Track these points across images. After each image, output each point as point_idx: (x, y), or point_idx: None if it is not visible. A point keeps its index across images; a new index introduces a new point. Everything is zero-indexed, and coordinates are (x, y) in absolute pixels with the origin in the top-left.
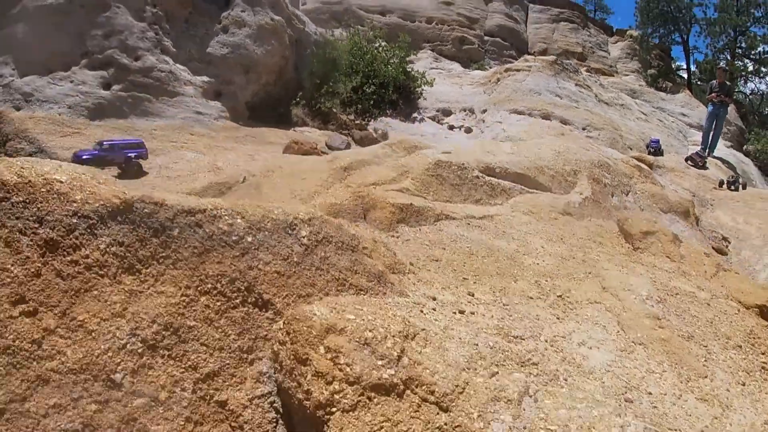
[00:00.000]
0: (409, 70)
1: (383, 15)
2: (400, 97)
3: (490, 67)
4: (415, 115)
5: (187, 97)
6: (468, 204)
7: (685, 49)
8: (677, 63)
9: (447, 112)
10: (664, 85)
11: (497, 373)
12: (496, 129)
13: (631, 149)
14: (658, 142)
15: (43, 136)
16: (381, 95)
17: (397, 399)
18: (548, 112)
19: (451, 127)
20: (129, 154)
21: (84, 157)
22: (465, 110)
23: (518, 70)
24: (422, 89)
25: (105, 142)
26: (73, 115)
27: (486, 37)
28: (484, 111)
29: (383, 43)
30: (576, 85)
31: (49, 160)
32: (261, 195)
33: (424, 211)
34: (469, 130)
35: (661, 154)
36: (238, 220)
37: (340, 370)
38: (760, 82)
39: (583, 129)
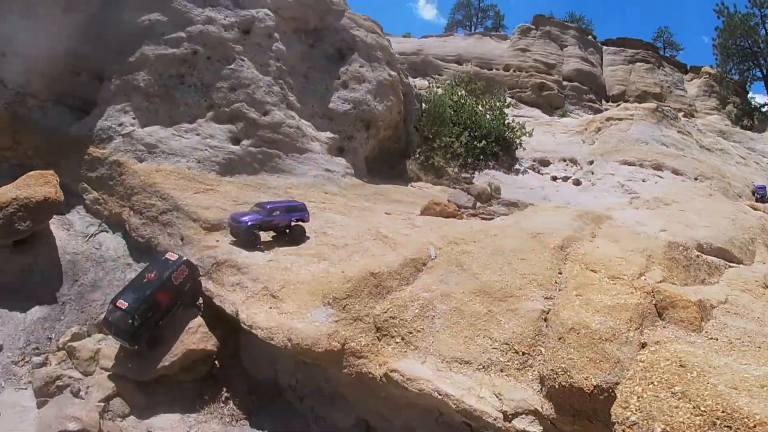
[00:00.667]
0: (508, 121)
1: (459, 63)
2: (501, 148)
3: (572, 113)
4: (516, 166)
5: (315, 153)
6: (697, 285)
7: (767, 83)
8: (755, 99)
9: (545, 162)
10: (748, 123)
11: None
12: (608, 181)
13: (740, 197)
14: (764, 188)
15: (175, 192)
16: (483, 148)
17: None
18: (659, 162)
19: (554, 178)
20: (293, 218)
21: (248, 222)
22: (565, 160)
23: (620, 119)
24: (521, 140)
25: (267, 205)
26: (203, 170)
27: (564, 82)
28: (591, 162)
29: (461, 92)
30: (678, 132)
31: None
32: (477, 278)
33: (704, 303)
34: (577, 182)
35: (766, 201)
36: None
37: None
38: None
39: (695, 179)
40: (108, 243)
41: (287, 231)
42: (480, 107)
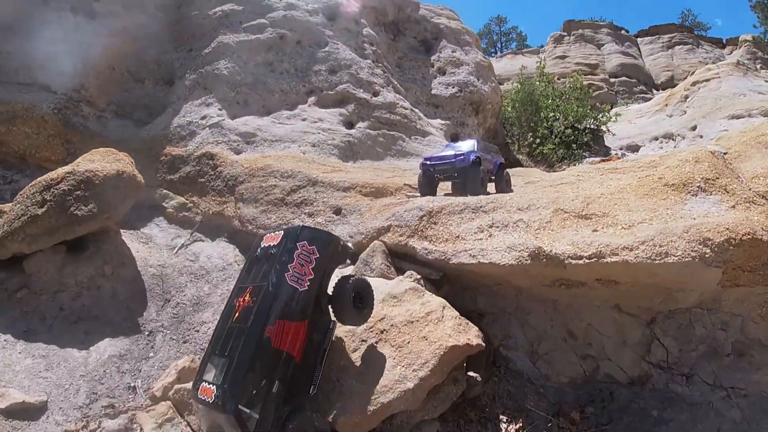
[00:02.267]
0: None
1: (501, 84)
2: (591, 137)
3: (627, 106)
4: (612, 153)
5: (437, 137)
6: None
7: None
8: None
9: (634, 148)
10: None
11: None
12: None
13: None
14: None
15: (303, 169)
16: (576, 137)
17: None
18: (767, 108)
19: None
20: (499, 162)
21: (471, 156)
22: (657, 139)
23: (707, 80)
24: (608, 126)
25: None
26: (321, 154)
27: (612, 80)
28: (694, 128)
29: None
30: (765, 81)
31: None
32: None
33: None
34: None
35: None
36: None
37: None
38: None
39: None
40: (207, 251)
41: (492, 178)
42: (572, 93)
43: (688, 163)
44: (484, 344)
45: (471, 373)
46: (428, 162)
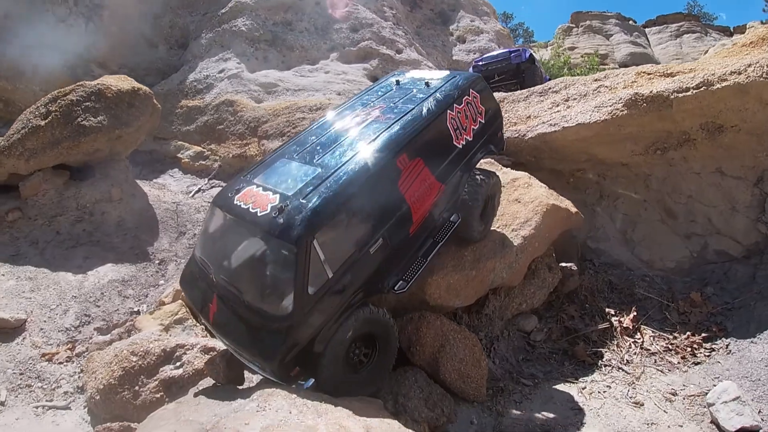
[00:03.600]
0: None
1: None
2: None
3: None
4: None
5: None
6: None
7: None
8: None
9: None
10: None
11: None
12: None
13: None
14: None
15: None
16: None
17: None
18: None
19: None
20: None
21: (525, 54)
22: None
23: None
24: None
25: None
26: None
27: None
28: None
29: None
30: None
31: None
32: None
33: None
34: None
35: None
36: None
37: None
38: None
39: None
40: None
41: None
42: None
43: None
44: (583, 216)
45: (564, 264)
46: (481, 63)
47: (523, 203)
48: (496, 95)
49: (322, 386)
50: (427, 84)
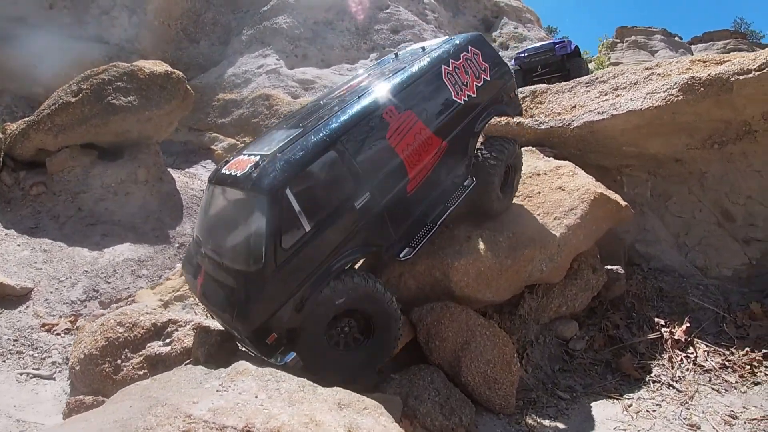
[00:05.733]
0: None
1: None
2: None
3: None
4: None
5: None
6: None
7: None
8: None
9: None
10: None
11: None
12: None
13: None
14: None
15: None
16: None
17: None
18: None
19: None
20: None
21: (572, 44)
22: None
23: None
24: None
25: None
26: None
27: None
28: None
29: None
30: None
31: None
32: None
33: None
34: None
35: None
36: None
37: None
38: None
39: None
40: None
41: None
42: None
43: None
44: (632, 212)
45: (610, 267)
46: (524, 55)
47: (567, 191)
48: (539, 87)
49: (304, 362)
50: (423, 49)
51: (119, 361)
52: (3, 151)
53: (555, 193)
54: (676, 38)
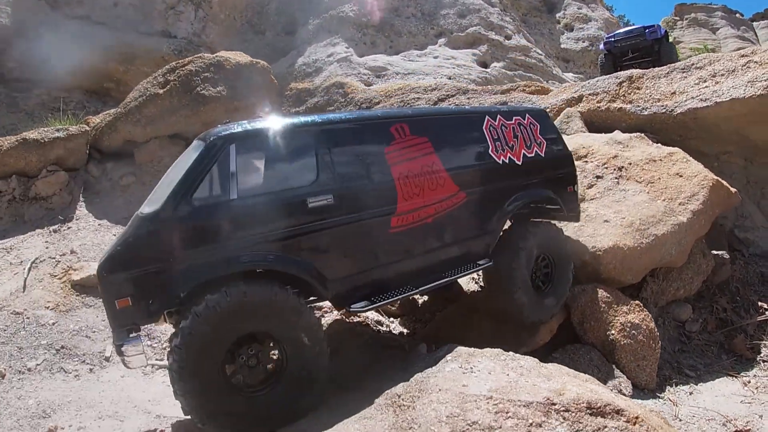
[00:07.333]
0: None
1: None
2: None
3: None
4: None
5: None
6: None
7: None
8: None
9: None
10: None
11: None
12: None
13: None
14: None
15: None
16: None
17: None
18: None
19: None
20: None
21: (661, 30)
22: None
23: None
24: None
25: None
26: (469, 84)
27: None
28: None
29: None
30: None
31: None
32: None
33: None
34: None
35: None
36: None
37: None
38: None
39: None
40: None
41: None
42: None
43: None
44: (740, 197)
45: (716, 252)
46: (613, 39)
47: (685, 177)
48: (635, 72)
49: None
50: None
51: None
52: (89, 144)
53: (674, 179)
54: (737, 15)
